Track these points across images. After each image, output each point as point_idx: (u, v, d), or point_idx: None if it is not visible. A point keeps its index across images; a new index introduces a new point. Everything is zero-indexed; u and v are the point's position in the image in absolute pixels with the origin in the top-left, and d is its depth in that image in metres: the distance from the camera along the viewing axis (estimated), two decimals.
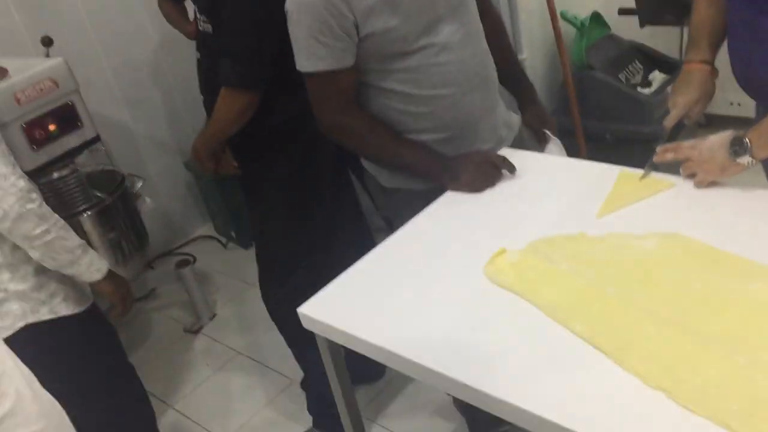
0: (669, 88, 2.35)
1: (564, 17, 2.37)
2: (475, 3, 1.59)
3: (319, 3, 1.40)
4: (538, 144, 1.73)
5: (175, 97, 3.20)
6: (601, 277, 1.16)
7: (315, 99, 1.52)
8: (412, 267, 1.32)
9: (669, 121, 1.47)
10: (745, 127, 1.29)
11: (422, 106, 1.54)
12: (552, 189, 1.46)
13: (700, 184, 1.32)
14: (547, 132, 1.72)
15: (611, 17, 2.53)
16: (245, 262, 3.08)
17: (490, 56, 1.63)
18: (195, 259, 2.94)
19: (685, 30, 2.88)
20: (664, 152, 1.38)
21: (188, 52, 2.72)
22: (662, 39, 2.62)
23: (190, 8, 2.53)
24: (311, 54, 1.45)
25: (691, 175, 1.34)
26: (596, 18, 2.44)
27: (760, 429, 0.84)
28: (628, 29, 2.51)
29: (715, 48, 1.48)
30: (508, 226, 1.37)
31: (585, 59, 2.38)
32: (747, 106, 2.97)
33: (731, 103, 3.04)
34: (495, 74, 1.65)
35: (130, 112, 3.07)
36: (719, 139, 1.29)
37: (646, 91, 2.36)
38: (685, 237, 1.20)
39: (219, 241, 3.35)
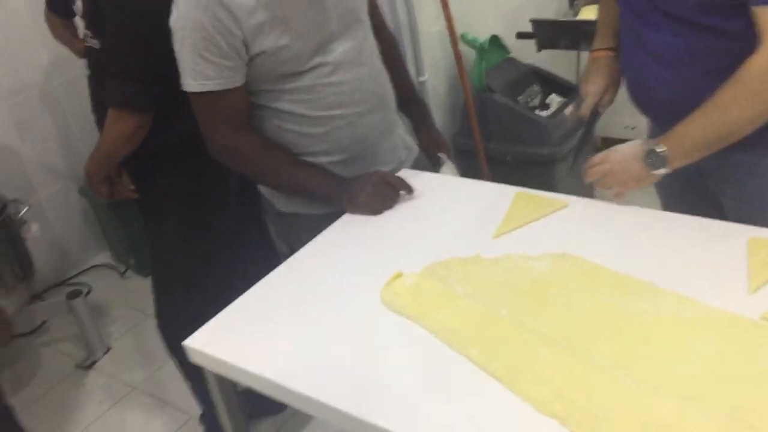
0: (566, 110, 2.41)
1: (464, 39, 2.39)
2: (368, 21, 1.57)
3: (205, 20, 1.34)
4: (433, 167, 1.72)
5: (69, 119, 3.05)
6: (495, 300, 1.14)
7: (203, 121, 1.45)
8: (307, 293, 1.27)
9: (584, 110, 1.52)
10: None
11: (317, 127, 1.49)
12: (449, 210, 1.44)
13: (618, 198, 1.34)
14: (442, 155, 1.70)
15: (510, 41, 2.57)
16: (144, 291, 2.92)
17: (386, 75, 1.61)
18: (90, 290, 2.78)
19: (582, 54, 2.99)
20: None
21: (81, 71, 2.61)
22: (559, 63, 2.69)
23: (81, 24, 2.43)
24: (198, 73, 1.38)
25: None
26: (495, 41, 2.47)
27: None
28: (527, 53, 2.56)
29: (617, 37, 1.50)
30: (406, 248, 1.34)
31: (485, 82, 2.41)
32: (641, 130, 3.11)
33: (625, 127, 3.16)
34: (392, 94, 1.63)
35: (18, 135, 2.90)
36: (631, 150, 1.30)
37: (545, 113, 2.41)
38: (577, 257, 1.20)
39: (116, 269, 3.19)
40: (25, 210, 2.32)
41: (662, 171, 1.26)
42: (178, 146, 1.71)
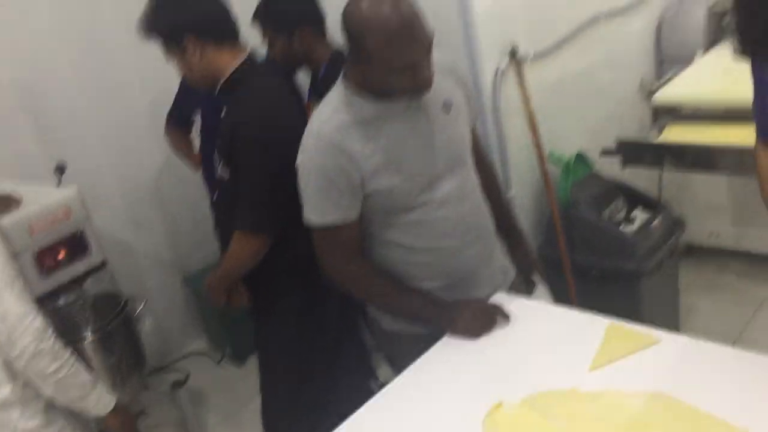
0: (652, 226, 2.49)
1: (551, 159, 2.52)
2: (471, 158, 1.73)
3: (328, 162, 1.52)
4: (526, 288, 1.84)
5: (175, 214, 3.31)
6: None
7: (320, 249, 1.62)
8: (407, 423, 1.38)
9: None
10: (729, 259, 1.32)
11: (422, 256, 1.64)
12: (544, 338, 1.55)
13: None
14: (536, 277, 1.82)
15: (594, 155, 2.69)
16: (238, 379, 3.10)
17: (486, 208, 1.76)
18: (188, 377, 2.96)
19: (665, 172, 3.08)
20: None
21: (187, 172, 2.87)
22: (643, 179, 2.79)
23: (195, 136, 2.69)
24: (318, 208, 1.56)
25: None
26: (580, 158, 2.60)
27: None
28: (610, 168, 2.67)
29: None
30: (504, 376, 1.44)
31: (570, 196, 2.52)
32: (725, 237, 3.15)
33: (710, 234, 3.20)
34: (491, 224, 1.77)
35: (133, 232, 3.17)
36: None
37: (629, 228, 2.49)
38: (672, 398, 1.28)
39: (212, 357, 3.38)
40: (141, 306, 2.53)
41: None
42: (292, 264, 1.89)
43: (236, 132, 1.76)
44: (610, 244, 2.45)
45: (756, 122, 1.44)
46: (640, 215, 2.56)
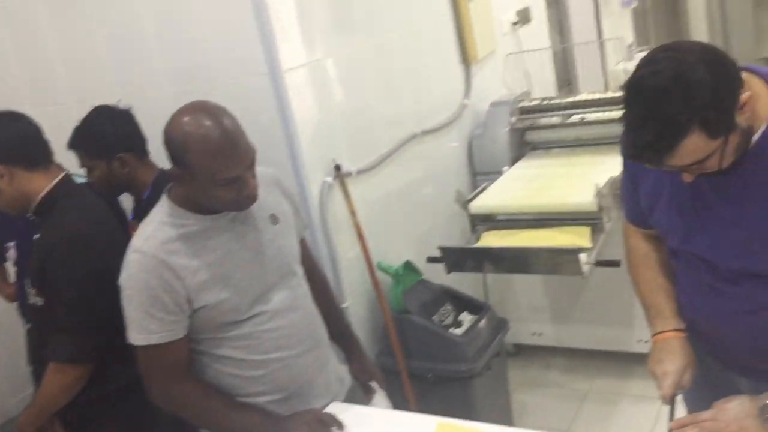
0: (478, 327, 2.61)
1: (380, 267, 2.61)
2: (300, 268, 1.75)
3: (152, 279, 1.48)
4: (365, 395, 1.84)
5: None
6: None
7: (146, 371, 1.55)
8: None
9: (666, 390, 1.42)
10: (553, 355, 1.41)
11: (257, 370, 1.61)
12: None
13: None
14: (374, 384, 1.84)
15: (422, 263, 2.82)
16: None
17: (319, 316, 1.77)
18: None
19: (488, 276, 3.27)
20: (682, 428, 1.32)
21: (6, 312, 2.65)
22: (468, 283, 2.96)
23: (11, 270, 2.51)
24: (143, 328, 1.50)
25: None
26: (408, 266, 2.71)
27: None
28: (438, 275, 2.81)
29: (677, 313, 1.50)
30: None
31: (402, 304, 2.61)
32: (547, 336, 3.36)
33: (533, 333, 3.40)
34: (325, 332, 1.78)
35: None
36: (743, 408, 1.28)
37: (458, 331, 2.60)
38: None
39: None
40: None
41: None
42: (112, 395, 1.78)
43: (50, 255, 1.68)
44: (441, 347, 2.53)
45: (624, 208, 1.60)
46: (467, 318, 2.68)
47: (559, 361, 3.39)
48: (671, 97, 1.14)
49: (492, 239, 2.71)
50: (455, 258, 2.69)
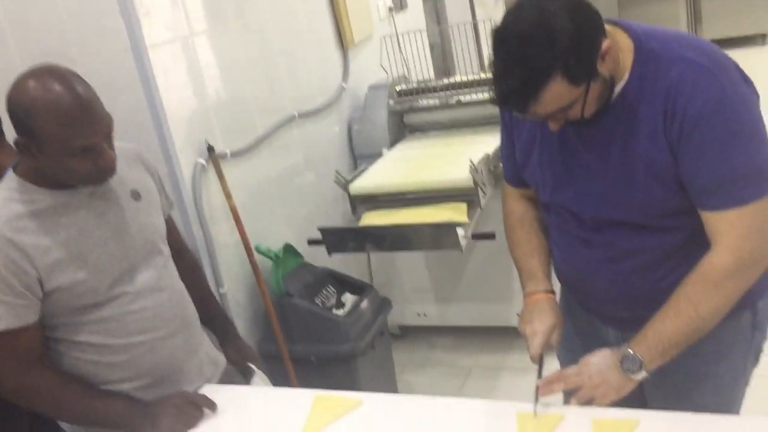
0: (360, 307, 2.59)
1: (258, 251, 2.55)
2: (166, 247, 1.67)
3: None
4: (244, 378, 1.78)
5: None
6: None
7: None
8: None
9: (535, 349, 1.42)
10: (438, 335, 1.41)
11: (118, 355, 1.52)
12: (255, 421, 1.50)
13: (601, 406, 1.31)
14: (252, 365, 1.78)
15: (303, 247, 2.78)
16: None
17: (188, 296, 1.69)
18: None
19: (372, 259, 3.28)
20: (548, 385, 1.34)
21: None
22: (353, 267, 2.94)
23: None
24: None
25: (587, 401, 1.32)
26: (289, 249, 2.66)
27: None
28: (320, 257, 2.77)
29: (549, 275, 1.53)
30: None
31: (283, 287, 2.55)
32: (432, 316, 3.41)
33: (418, 314, 3.44)
34: (195, 314, 1.70)
35: None
36: (604, 360, 1.31)
37: (341, 312, 2.58)
38: None
39: None
40: None
41: (641, 375, 1.28)
42: None
43: None
44: (324, 328, 2.51)
45: (504, 169, 1.60)
46: (349, 299, 2.66)
47: (443, 340, 3.44)
48: (534, 43, 1.15)
49: (372, 219, 2.70)
50: (335, 239, 2.66)
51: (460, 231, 2.43)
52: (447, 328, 3.44)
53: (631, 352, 1.28)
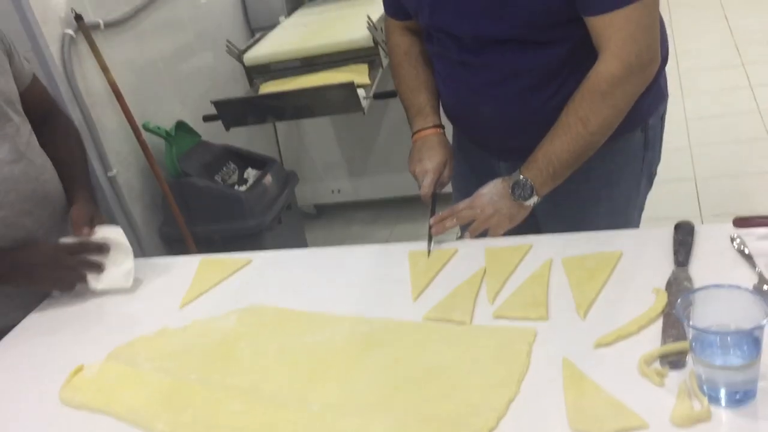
0: (264, 181, 2.47)
1: (147, 129, 2.36)
2: (21, 115, 1.48)
3: None
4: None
5: None
6: (184, 367, 1.10)
7: None
8: None
9: (426, 189, 1.34)
10: (354, 210, 1.29)
11: None
12: (136, 288, 1.38)
13: (496, 236, 1.26)
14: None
15: (199, 124, 2.60)
16: None
17: (51, 171, 1.51)
18: None
19: (279, 139, 3.13)
20: (441, 222, 1.27)
21: None
22: (258, 145, 2.78)
23: None
24: None
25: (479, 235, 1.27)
26: (182, 126, 2.48)
27: None
28: (222, 136, 2.60)
29: (438, 109, 1.44)
30: (88, 337, 1.25)
31: (179, 167, 2.39)
32: (346, 191, 3.32)
33: (332, 191, 3.34)
34: (59, 190, 1.52)
35: None
36: (496, 190, 1.25)
37: (243, 188, 2.45)
38: (262, 307, 1.21)
39: None
40: None
41: (532, 201, 1.23)
42: None
43: None
44: (226, 206, 2.38)
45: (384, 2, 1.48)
46: (252, 174, 2.53)
47: (361, 215, 3.37)
48: None
49: (271, 89, 2.53)
50: (233, 112, 2.49)
51: (361, 92, 2.30)
52: (363, 203, 3.36)
53: (522, 177, 1.22)
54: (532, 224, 1.30)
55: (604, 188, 1.38)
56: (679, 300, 0.80)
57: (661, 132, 1.41)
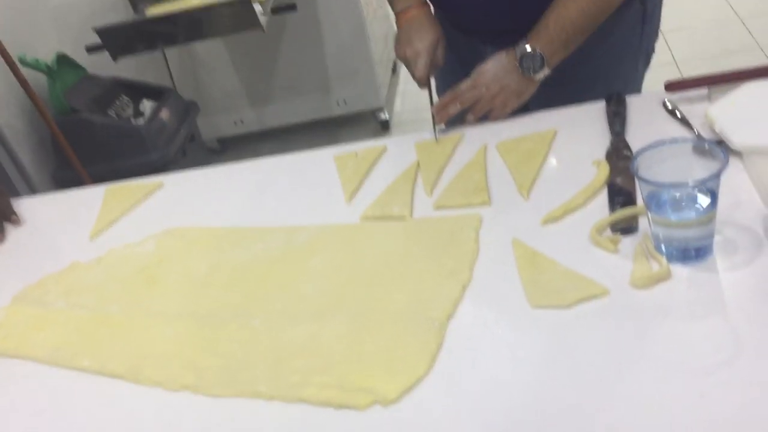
0: (161, 113, 2.30)
1: (24, 62, 2.13)
2: None
3: None
4: None
5: None
6: (103, 300, 1.00)
7: None
8: None
9: (421, 71, 1.21)
10: (259, 141, 1.17)
11: None
12: (45, 226, 1.25)
13: (501, 117, 1.16)
14: None
15: (83, 57, 2.38)
16: None
17: None
18: None
19: (173, 72, 2.91)
20: (444, 109, 1.17)
21: None
22: (144, 70, 2.58)
23: None
24: None
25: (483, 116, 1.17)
26: (64, 60, 2.26)
27: (287, 380, 0.78)
28: (105, 65, 2.40)
29: None
30: None
31: (66, 103, 2.20)
32: (249, 122, 3.16)
33: (235, 123, 3.18)
34: None
35: None
36: (501, 64, 1.14)
37: (141, 120, 2.28)
38: (180, 228, 1.12)
39: None
40: None
41: (542, 73, 1.13)
42: None
43: None
44: (125, 142, 2.22)
45: None
46: (148, 106, 2.36)
47: (267, 145, 3.23)
48: None
49: (159, 11, 2.34)
50: (119, 40, 2.30)
51: (257, 7, 2.16)
52: (269, 131, 3.22)
53: (529, 48, 1.12)
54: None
55: (602, 68, 1.29)
56: (636, 158, 0.76)
57: (660, 4, 1.32)
